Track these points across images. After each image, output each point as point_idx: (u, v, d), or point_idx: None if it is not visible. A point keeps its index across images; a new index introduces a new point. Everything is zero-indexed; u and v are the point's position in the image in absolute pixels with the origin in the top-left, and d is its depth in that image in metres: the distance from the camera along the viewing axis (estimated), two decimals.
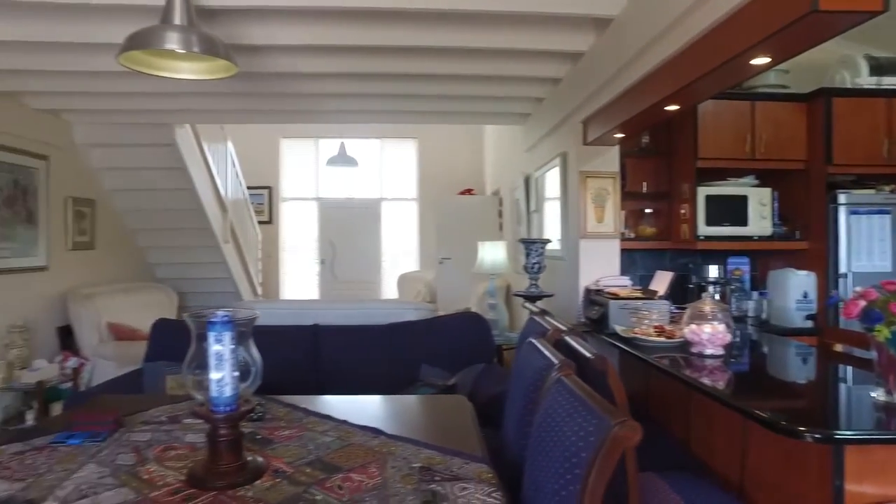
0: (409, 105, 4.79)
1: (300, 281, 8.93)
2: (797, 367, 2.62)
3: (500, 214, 7.04)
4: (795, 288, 3.58)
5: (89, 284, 5.16)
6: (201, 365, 1.42)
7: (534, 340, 1.97)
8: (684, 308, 2.72)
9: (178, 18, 2.17)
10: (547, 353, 1.78)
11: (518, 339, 2.61)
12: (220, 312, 1.40)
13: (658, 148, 3.99)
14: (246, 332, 1.46)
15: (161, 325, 3.68)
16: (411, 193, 8.87)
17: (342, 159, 7.20)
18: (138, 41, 2.08)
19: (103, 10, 2.83)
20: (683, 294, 3.60)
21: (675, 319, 3.02)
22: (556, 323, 2.34)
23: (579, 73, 3.59)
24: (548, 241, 3.91)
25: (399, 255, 8.84)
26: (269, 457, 1.57)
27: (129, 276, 5.99)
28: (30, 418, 4.16)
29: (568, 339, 2.08)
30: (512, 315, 5.33)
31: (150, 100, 4.52)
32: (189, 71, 2.34)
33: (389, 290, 8.69)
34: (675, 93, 2.38)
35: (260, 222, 8.06)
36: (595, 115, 3.44)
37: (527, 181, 5.23)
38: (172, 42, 2.06)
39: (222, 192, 6.14)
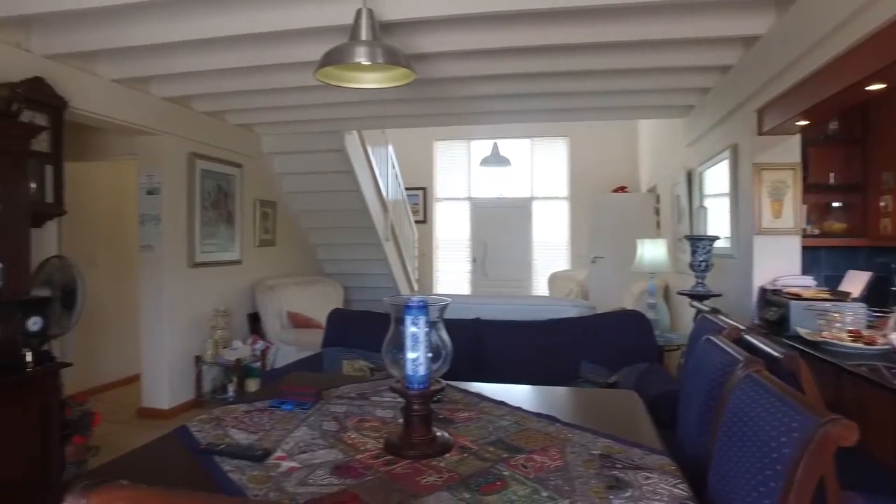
0: (562, 103, 4.79)
1: (453, 279, 9.25)
2: None
3: (657, 212, 6.74)
4: None
5: (271, 277, 5.82)
6: (398, 345, 1.58)
7: (713, 338, 1.90)
8: (888, 312, 2.44)
9: (364, 34, 2.40)
10: (729, 349, 1.71)
11: (689, 337, 2.51)
12: (416, 298, 1.54)
13: (850, 134, 3.59)
14: (438, 317, 1.59)
15: (336, 315, 4.05)
16: (562, 192, 8.80)
17: (495, 159, 7.36)
18: (333, 58, 2.33)
19: (293, 34, 3.19)
20: (884, 297, 3.19)
21: (873, 325, 2.71)
22: (731, 322, 2.23)
23: (754, 58, 3.35)
24: (716, 237, 3.69)
25: (549, 253, 8.81)
26: (454, 434, 1.68)
27: (302, 270, 6.65)
28: (230, 390, 4.80)
29: (749, 337, 1.98)
30: (672, 315, 5.10)
31: (323, 110, 5.00)
32: (373, 81, 2.57)
33: (540, 289, 8.70)
34: (882, 69, 2.13)
35: (415, 222, 8.50)
36: (773, 103, 3.19)
37: (689, 176, 4.96)
38: (361, 56, 2.28)
39: (384, 192, 6.57)
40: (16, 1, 2.80)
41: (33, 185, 3.05)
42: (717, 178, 4.21)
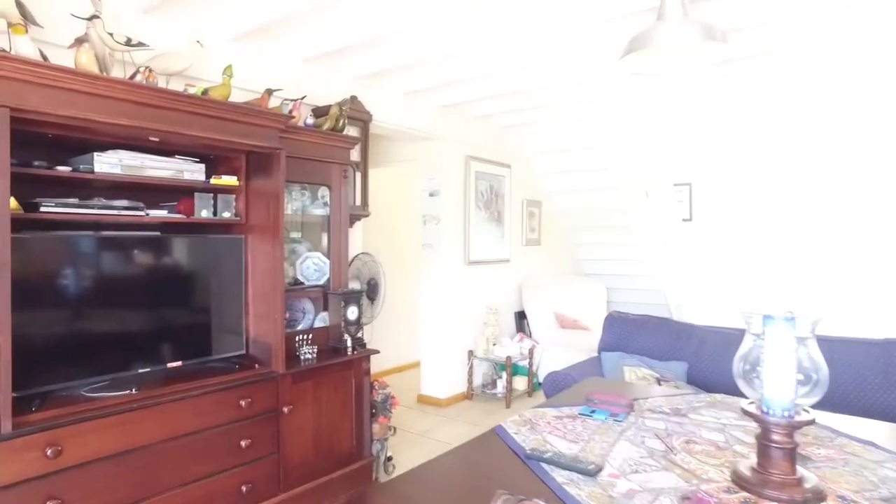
0: None
1: (722, 282, 8.31)
2: None
3: None
4: None
5: (536, 276, 5.86)
6: (754, 361, 1.34)
7: None
8: None
9: (672, 11, 2.16)
10: None
11: None
12: (783, 309, 1.28)
13: None
14: (811, 332, 1.31)
15: (614, 318, 3.87)
16: None
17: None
18: (640, 43, 2.14)
19: (565, 29, 3.08)
20: None
21: None
22: None
23: None
24: None
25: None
26: (820, 476, 1.37)
27: (564, 269, 6.58)
28: (499, 386, 4.94)
29: None
30: None
31: (587, 105, 4.84)
32: (682, 62, 2.31)
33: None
34: None
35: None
36: None
37: None
38: (672, 36, 2.05)
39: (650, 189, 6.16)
40: (338, 36, 3.22)
41: None
42: None
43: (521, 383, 5.01)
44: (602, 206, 6.10)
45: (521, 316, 5.69)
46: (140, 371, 2.29)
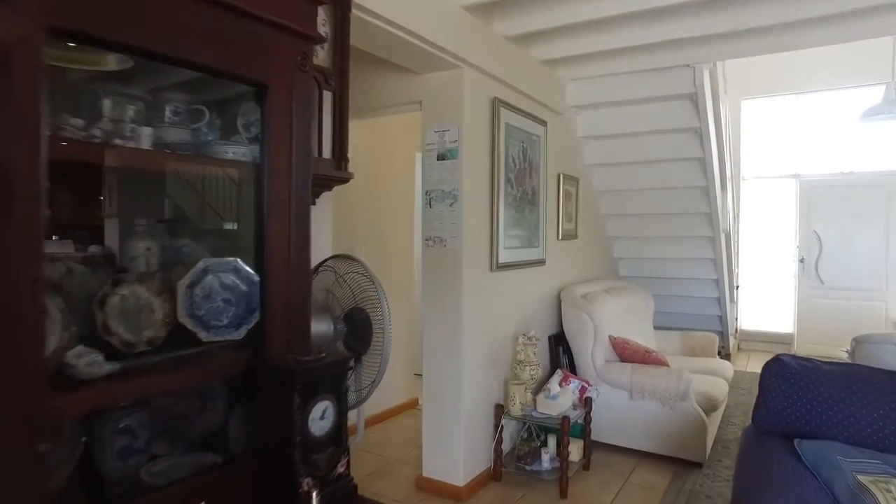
0: None
1: (765, 283, 6.85)
2: None
3: None
4: None
5: (576, 284, 4.09)
6: None
7: None
8: None
9: None
10: None
11: None
12: None
13: None
14: None
15: (788, 369, 2.18)
16: None
17: (889, 108, 4.77)
18: None
19: None
20: None
21: None
22: None
23: None
24: None
25: None
26: None
27: (598, 272, 4.84)
28: (545, 459, 3.14)
29: None
30: None
31: (665, 25, 3.12)
32: None
33: None
34: None
35: None
36: None
37: None
38: None
39: (727, 165, 4.47)
40: None
41: None
42: None
43: (577, 451, 3.24)
44: (669, 184, 4.35)
45: (556, 340, 3.90)
46: None
